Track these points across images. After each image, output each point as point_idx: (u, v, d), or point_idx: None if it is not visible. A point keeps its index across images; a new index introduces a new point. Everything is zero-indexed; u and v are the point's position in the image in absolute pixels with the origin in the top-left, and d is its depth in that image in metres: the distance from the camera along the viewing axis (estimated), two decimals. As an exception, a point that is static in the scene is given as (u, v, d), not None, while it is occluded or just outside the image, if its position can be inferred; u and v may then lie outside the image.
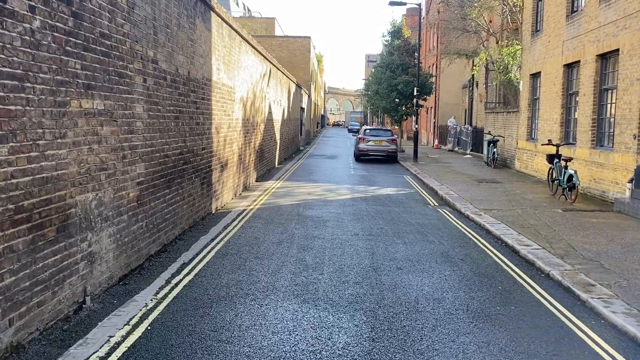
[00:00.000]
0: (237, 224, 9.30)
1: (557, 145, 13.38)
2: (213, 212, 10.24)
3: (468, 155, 27.60)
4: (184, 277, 6.15)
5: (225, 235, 8.36)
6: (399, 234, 8.96)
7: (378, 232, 9.05)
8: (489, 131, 22.58)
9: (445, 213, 11.34)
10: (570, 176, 12.08)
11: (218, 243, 7.86)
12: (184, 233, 8.31)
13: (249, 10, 74.16)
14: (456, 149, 31.56)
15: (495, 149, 20.86)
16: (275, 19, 56.34)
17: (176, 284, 5.91)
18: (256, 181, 15.60)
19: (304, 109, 36.53)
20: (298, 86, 30.98)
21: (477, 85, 33.32)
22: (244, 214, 10.32)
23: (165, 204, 7.41)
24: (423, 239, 8.60)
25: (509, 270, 7.01)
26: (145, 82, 6.56)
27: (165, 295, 5.53)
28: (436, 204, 12.71)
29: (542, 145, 14.77)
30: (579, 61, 14.09)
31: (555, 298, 5.88)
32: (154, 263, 6.69)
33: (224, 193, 11.26)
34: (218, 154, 10.60)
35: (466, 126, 30.84)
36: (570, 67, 15.05)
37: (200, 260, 6.89)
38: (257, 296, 5.57)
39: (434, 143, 38.02)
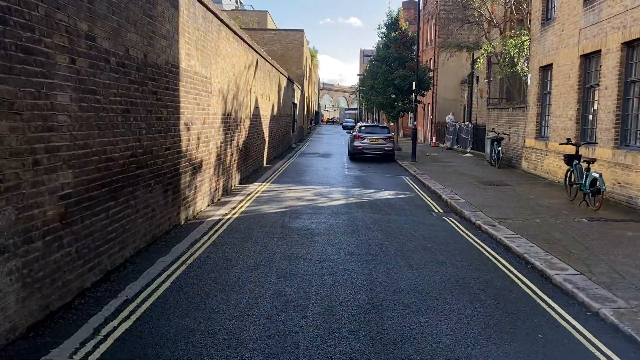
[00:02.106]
0: (208, 239, 7.74)
1: (577, 145, 11.90)
2: (182, 223, 8.67)
3: (468, 154, 26.13)
4: (120, 324, 4.59)
5: (190, 256, 6.80)
6: (402, 252, 7.43)
7: (377, 249, 7.52)
8: (493, 128, 21.10)
9: (453, 223, 9.84)
10: (594, 180, 10.60)
11: (178, 268, 6.30)
12: (139, 253, 6.75)
13: (240, 3, 72.35)
14: (455, 147, 30.08)
15: (499, 148, 19.39)
16: (267, 12, 54.64)
17: (106, 336, 4.35)
18: (240, 183, 14.04)
19: (296, 104, 34.94)
20: (290, 80, 29.38)
21: (477, 81, 31.86)
22: (218, 225, 8.76)
23: (108, 220, 5.84)
24: (432, 259, 7.08)
25: (544, 305, 5.50)
26: (74, 63, 4.99)
27: (85, 358, 3.97)
28: (441, 210, 11.20)
29: (560, 144, 13.29)
30: (599, 51, 12.60)
31: (617, 353, 4.37)
32: (87, 300, 5.13)
33: (198, 200, 9.70)
34: (189, 155, 9.03)
35: (466, 123, 29.36)
36: (589, 58, 13.56)
37: (150, 295, 5.34)
38: (212, 358, 4.02)
39: (431, 141, 36.56)
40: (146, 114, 6.97)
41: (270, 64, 20.41)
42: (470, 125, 27.60)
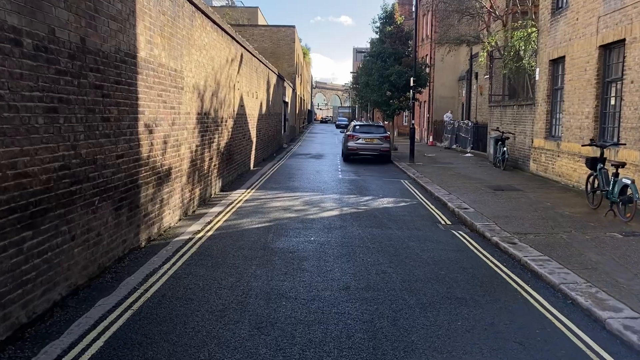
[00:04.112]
0: (169, 268, 6.26)
1: (602, 147, 10.50)
2: (142, 245, 7.19)
3: (469, 154, 24.77)
4: None
5: (141, 295, 5.32)
6: (410, 284, 5.99)
7: (379, 280, 6.07)
8: (497, 127, 19.71)
9: (465, 239, 8.43)
10: (625, 187, 9.23)
11: (122, 314, 4.82)
12: (76, 292, 5.27)
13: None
14: (454, 146, 28.72)
15: (504, 148, 18.00)
16: (258, 8, 53.11)
17: None
18: (222, 190, 12.56)
19: (287, 103, 33.45)
20: (280, 78, 27.89)
21: (476, 77, 30.51)
22: (186, 247, 7.29)
23: (22, 256, 4.36)
24: (448, 295, 5.65)
25: (608, 369, 4.08)
26: (-49, 42, 3.51)
27: None
28: (448, 222, 9.79)
29: (582, 145, 11.90)
30: (623, 40, 11.22)
31: None
32: (-23, 376, 3.67)
33: (165, 214, 8.22)
34: (152, 162, 7.55)
35: (465, 121, 27.99)
36: (609, 49, 12.18)
37: (70, 365, 3.87)
38: None
39: (428, 140, 35.17)
40: (86, 114, 5.49)
41: (258, 59, 18.92)
42: (470, 124, 26.24)
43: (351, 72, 59.70)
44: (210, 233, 8.16)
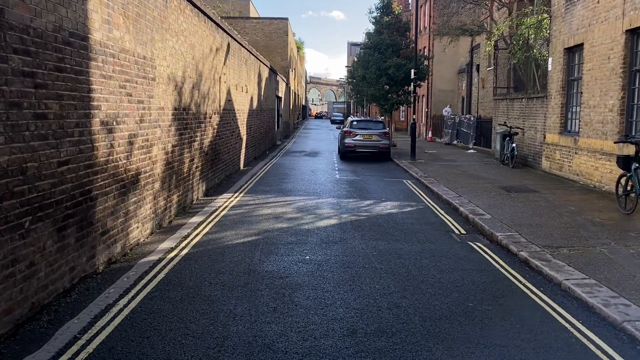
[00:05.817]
0: (127, 304, 4.93)
1: (638, 143, 9.23)
2: (100, 270, 5.87)
3: (471, 151, 23.51)
4: None
5: (80, 350, 3.98)
6: (432, 323, 4.70)
7: (392, 320, 4.76)
8: (505, 122, 18.44)
9: (486, 253, 7.17)
10: (669, 191, 7.99)
11: (45, 385, 3.52)
12: (-8, 348, 3.96)
13: (222, -8, 69.03)
14: (454, 142, 27.45)
15: (513, 144, 16.74)
16: (250, 0, 51.62)
17: None
18: (206, 195, 11.23)
19: (281, 98, 32.06)
20: (273, 71, 26.50)
21: (477, 69, 29.24)
22: (154, 271, 5.96)
23: None
24: (484, 341, 4.35)
25: None
26: None
27: None
28: (463, 231, 8.53)
29: (615, 142, 10.63)
30: (656, 23, 9.97)
31: None
32: None
33: (132, 229, 6.89)
34: (112, 168, 6.22)
35: (467, 116, 26.69)
36: (637, 34, 10.91)
37: None
38: None
39: (426, 135, 33.88)
40: (7, 110, 4.16)
41: (247, 50, 17.54)
42: (472, 119, 24.95)
43: (346, 67, 58.25)
44: (185, 252, 6.82)
